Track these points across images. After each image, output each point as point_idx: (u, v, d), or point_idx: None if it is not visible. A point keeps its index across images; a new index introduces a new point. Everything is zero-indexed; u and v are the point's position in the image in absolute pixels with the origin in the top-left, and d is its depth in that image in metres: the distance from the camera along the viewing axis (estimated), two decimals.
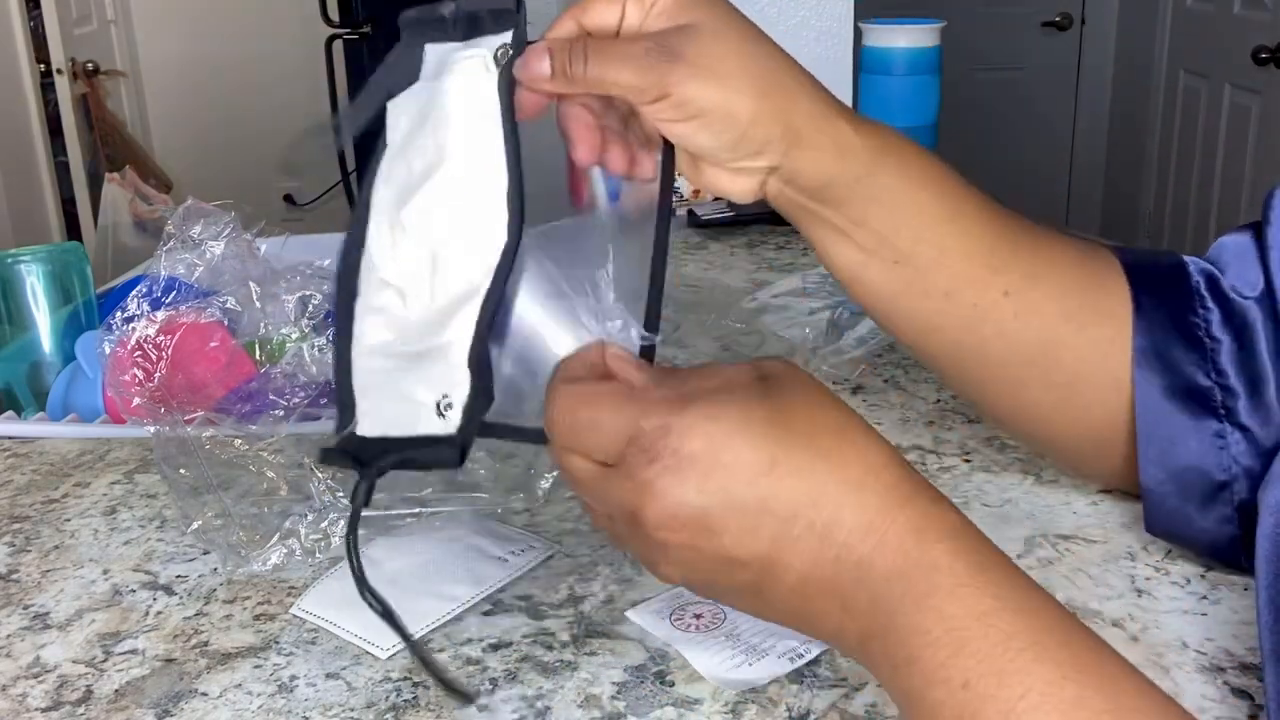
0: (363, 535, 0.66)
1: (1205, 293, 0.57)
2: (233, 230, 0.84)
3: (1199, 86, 2.93)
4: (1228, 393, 0.56)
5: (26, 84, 2.97)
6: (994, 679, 0.37)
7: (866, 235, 0.55)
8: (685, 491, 0.41)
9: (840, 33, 1.38)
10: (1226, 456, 0.56)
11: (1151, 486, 0.58)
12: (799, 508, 0.41)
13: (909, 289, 0.56)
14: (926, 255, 0.55)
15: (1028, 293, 0.56)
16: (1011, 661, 0.38)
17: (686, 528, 0.41)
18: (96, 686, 0.55)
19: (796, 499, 0.41)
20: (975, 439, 0.76)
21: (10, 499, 0.75)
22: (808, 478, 0.41)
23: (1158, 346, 0.56)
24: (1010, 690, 0.37)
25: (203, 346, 0.78)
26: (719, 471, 0.41)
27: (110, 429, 0.84)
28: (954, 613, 0.39)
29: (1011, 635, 0.38)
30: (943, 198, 0.56)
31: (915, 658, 0.39)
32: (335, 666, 0.55)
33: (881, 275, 0.56)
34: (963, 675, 0.38)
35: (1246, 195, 2.65)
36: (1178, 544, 0.61)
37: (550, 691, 0.53)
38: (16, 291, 0.93)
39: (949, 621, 0.39)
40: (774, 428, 0.41)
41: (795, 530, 0.41)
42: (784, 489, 0.41)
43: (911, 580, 0.40)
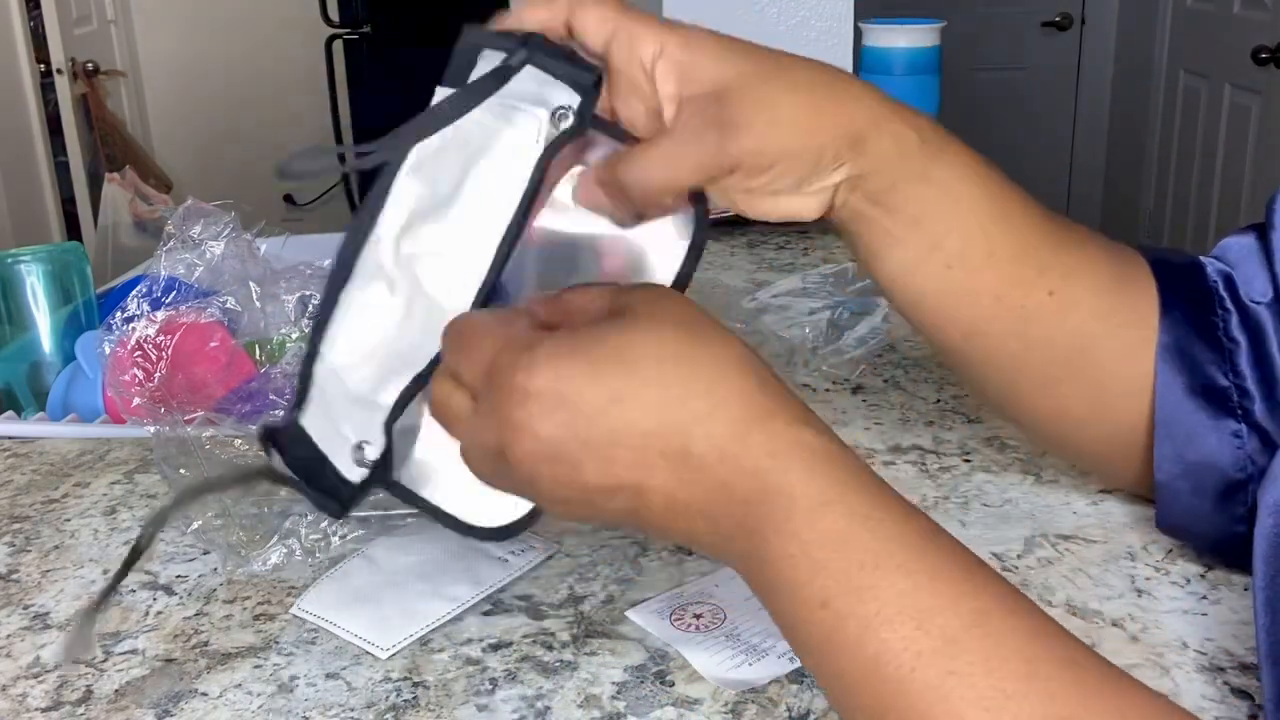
0: (362, 535, 0.66)
1: (1224, 294, 0.57)
2: (233, 230, 0.84)
3: (1199, 86, 2.93)
4: (1244, 394, 0.56)
5: (26, 84, 2.97)
6: (852, 596, 0.38)
7: (920, 238, 0.54)
8: (538, 426, 0.42)
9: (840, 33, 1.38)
10: (1243, 456, 0.56)
11: (1166, 481, 0.58)
12: (647, 438, 0.41)
13: (959, 292, 0.55)
14: (976, 257, 0.55)
15: (1068, 291, 0.56)
16: (866, 578, 0.38)
17: (544, 461, 0.42)
18: (96, 686, 0.55)
19: (643, 429, 0.41)
20: (975, 439, 0.76)
21: (10, 499, 0.75)
22: (652, 409, 0.41)
23: (1180, 344, 0.56)
24: (866, 606, 0.38)
25: (203, 346, 0.78)
26: (563, 407, 0.42)
27: (110, 429, 0.84)
28: (810, 537, 0.40)
29: (867, 551, 0.39)
30: (991, 196, 0.55)
31: (778, 581, 0.40)
32: (335, 666, 0.55)
33: (932, 279, 0.55)
34: (821, 595, 0.39)
35: (1246, 195, 2.65)
36: (1187, 540, 0.61)
37: (550, 691, 0.53)
38: (16, 291, 0.93)
39: (806, 546, 0.40)
40: (618, 362, 0.42)
41: (649, 458, 0.42)
42: (629, 421, 0.41)
43: (770, 504, 0.40)
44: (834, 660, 0.39)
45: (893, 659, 0.37)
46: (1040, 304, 0.56)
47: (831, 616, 0.39)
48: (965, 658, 0.37)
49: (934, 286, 0.55)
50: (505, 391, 0.42)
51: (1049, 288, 0.56)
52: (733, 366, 0.43)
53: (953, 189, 0.54)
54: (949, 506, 0.68)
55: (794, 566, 0.40)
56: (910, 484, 0.71)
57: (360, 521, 0.67)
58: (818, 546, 0.39)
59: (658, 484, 0.42)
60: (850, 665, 0.38)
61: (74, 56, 3.18)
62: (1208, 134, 2.87)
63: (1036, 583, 0.60)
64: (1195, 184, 2.95)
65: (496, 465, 0.44)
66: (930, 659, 0.37)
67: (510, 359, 0.43)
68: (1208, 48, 2.88)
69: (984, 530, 0.65)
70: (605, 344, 0.42)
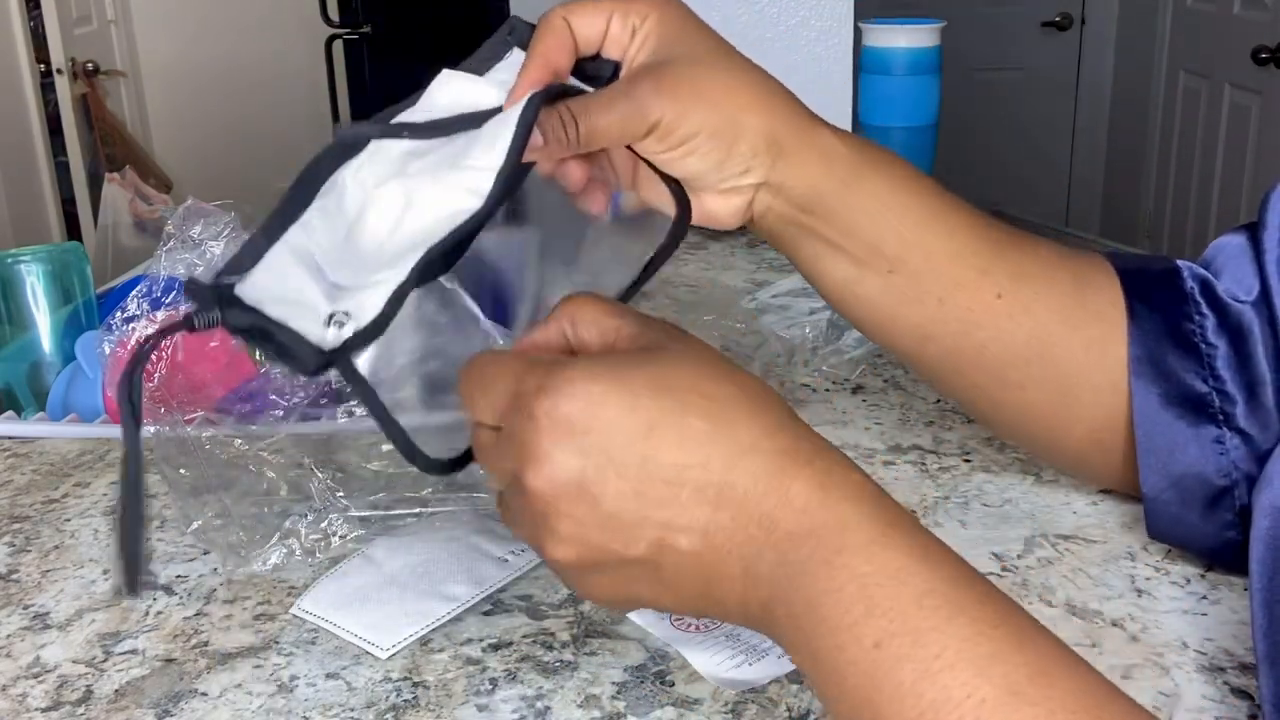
0: (362, 535, 0.66)
1: (1200, 298, 0.57)
2: (233, 230, 0.84)
3: (1199, 86, 2.93)
4: (1225, 398, 0.56)
5: (26, 84, 2.97)
6: (908, 638, 0.36)
7: (856, 245, 0.55)
8: (561, 453, 0.40)
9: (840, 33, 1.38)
10: (1226, 462, 0.56)
11: (1153, 495, 0.58)
12: (684, 471, 0.40)
13: (902, 298, 0.56)
14: (915, 260, 0.55)
15: (1018, 293, 0.56)
16: (926, 619, 0.37)
17: (565, 494, 0.40)
18: (96, 686, 0.55)
19: (681, 463, 0.40)
20: (975, 439, 0.76)
21: (10, 499, 0.75)
22: (691, 443, 0.40)
23: (1153, 354, 0.56)
24: (926, 649, 0.36)
25: (203, 346, 0.78)
26: (593, 433, 0.40)
27: (110, 429, 0.84)
28: (866, 570, 0.38)
29: (925, 593, 0.37)
30: (924, 199, 0.56)
31: (825, 618, 0.38)
32: (335, 666, 0.55)
33: (874, 287, 0.56)
34: (875, 635, 0.37)
35: (1246, 195, 2.65)
36: (1179, 548, 0.61)
37: (550, 691, 0.53)
38: (16, 291, 0.93)
39: (861, 580, 0.38)
40: (654, 394, 0.40)
41: (683, 495, 0.40)
42: (665, 454, 0.40)
43: (820, 538, 0.39)
44: (882, 706, 0.37)
45: (953, 708, 0.35)
46: (988, 306, 0.56)
47: (886, 658, 0.36)
48: (1029, 710, 0.35)
49: (879, 293, 0.56)
50: (527, 414, 0.41)
51: (996, 290, 0.56)
52: (771, 403, 0.42)
53: (883, 196, 0.55)
54: (949, 506, 0.68)
55: (846, 602, 0.38)
56: (910, 484, 0.71)
57: (360, 521, 0.67)
58: (875, 583, 0.38)
59: (689, 522, 0.40)
60: (901, 711, 0.36)
61: (74, 56, 3.18)
62: (1208, 134, 2.87)
63: (1036, 583, 0.60)
64: (1195, 184, 2.95)
65: (517, 501, 0.42)
66: (994, 709, 0.35)
67: (536, 383, 0.41)
68: (1208, 48, 2.88)
69: (984, 530, 0.65)
70: (642, 371, 0.41)
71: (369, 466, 0.74)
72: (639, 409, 0.40)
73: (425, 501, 0.70)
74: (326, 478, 0.68)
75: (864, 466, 0.72)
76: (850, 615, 0.37)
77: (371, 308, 0.48)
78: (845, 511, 0.39)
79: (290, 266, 0.50)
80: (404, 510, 0.69)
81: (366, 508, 0.68)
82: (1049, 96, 3.65)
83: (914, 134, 1.27)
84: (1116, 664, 0.53)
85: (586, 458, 0.40)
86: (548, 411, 0.40)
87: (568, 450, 0.40)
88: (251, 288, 0.49)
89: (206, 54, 3.84)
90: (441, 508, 0.69)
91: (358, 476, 0.73)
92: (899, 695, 0.36)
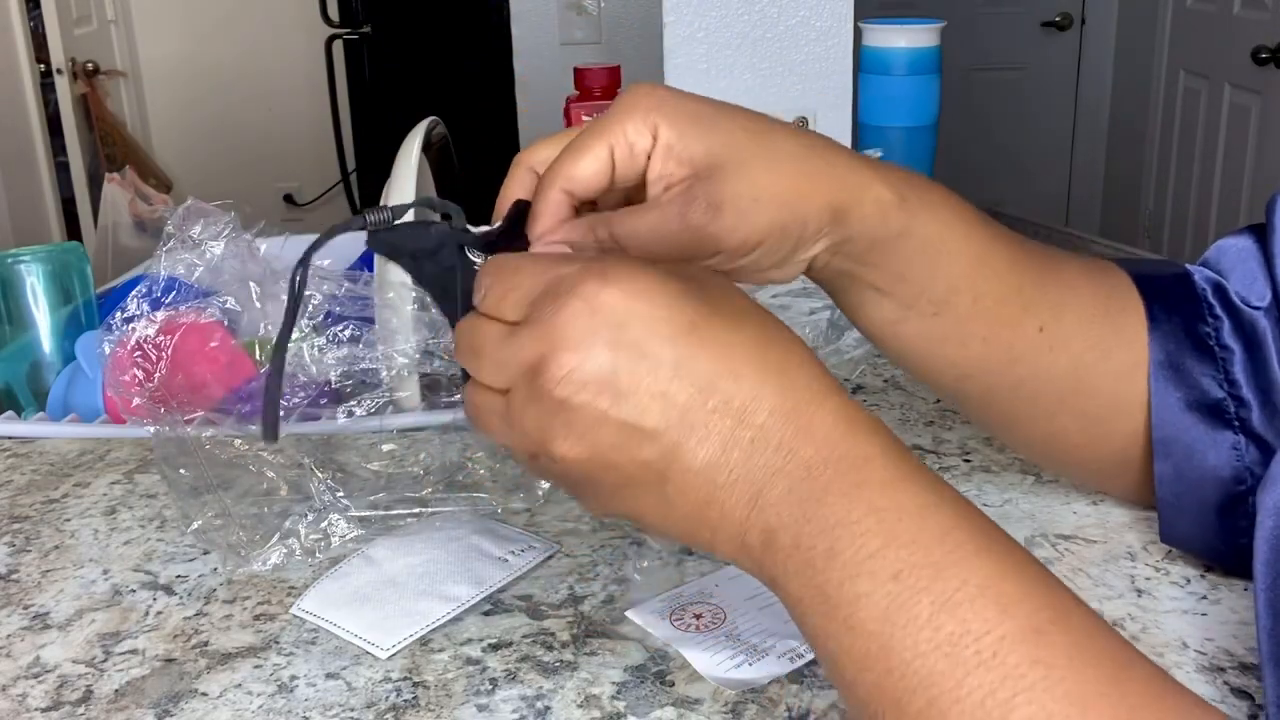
0: (362, 535, 0.66)
1: (1213, 300, 0.57)
2: (233, 230, 0.84)
3: (1199, 86, 2.93)
4: (1240, 404, 0.56)
5: (26, 84, 2.97)
6: (929, 570, 0.36)
7: (906, 289, 0.53)
8: (595, 340, 0.38)
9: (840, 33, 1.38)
10: (1242, 467, 0.56)
11: (1168, 499, 0.58)
12: (717, 378, 0.39)
13: (947, 339, 0.55)
14: (963, 304, 0.54)
15: (1058, 327, 0.56)
16: (950, 554, 0.36)
17: (591, 385, 0.38)
18: (96, 686, 0.55)
19: (715, 368, 0.39)
20: (975, 439, 0.76)
21: (10, 499, 0.75)
22: (727, 349, 0.39)
23: (1172, 358, 0.56)
24: (946, 582, 0.35)
25: (203, 346, 0.78)
26: (634, 324, 0.38)
27: (110, 429, 0.84)
28: (886, 504, 0.37)
29: (949, 529, 0.37)
30: (970, 240, 0.54)
31: (839, 551, 0.37)
32: (335, 666, 0.55)
33: (919, 328, 0.55)
34: (893, 567, 0.36)
35: (1246, 195, 2.65)
36: (1192, 553, 0.61)
37: (550, 691, 0.53)
38: (16, 291, 0.93)
39: (881, 513, 0.37)
40: (695, 298, 0.39)
41: (710, 403, 0.39)
42: (703, 355, 0.39)
43: (840, 469, 0.38)
44: (894, 639, 0.36)
45: (973, 641, 0.35)
46: (1030, 342, 0.55)
47: (904, 590, 0.36)
48: (1051, 650, 0.34)
49: (922, 334, 0.55)
50: (563, 300, 0.38)
51: (1038, 324, 0.55)
52: (799, 342, 0.41)
53: (934, 242, 0.53)
54: None
55: (862, 534, 0.37)
56: None
57: (360, 521, 0.67)
58: (895, 516, 0.37)
59: (706, 436, 0.39)
60: (915, 644, 0.35)
61: (74, 56, 3.18)
62: (1208, 134, 2.87)
63: None
64: (1195, 184, 2.95)
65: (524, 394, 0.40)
66: (1015, 645, 0.34)
67: (578, 269, 0.39)
68: (1208, 48, 2.88)
69: None
70: (685, 275, 0.40)
71: (369, 466, 0.74)
72: (683, 308, 0.39)
73: (425, 501, 0.70)
74: (326, 478, 0.68)
75: None
76: (867, 548, 0.36)
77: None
78: (867, 447, 0.38)
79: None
80: (404, 510, 0.69)
81: (366, 508, 0.68)
82: (1049, 96, 3.66)
83: (914, 134, 1.27)
84: None
85: (620, 350, 0.38)
86: (589, 296, 0.38)
87: (603, 340, 0.38)
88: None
89: (206, 54, 3.84)
90: (441, 508, 0.69)
91: (358, 476, 0.73)
92: (914, 628, 0.35)
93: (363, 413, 0.75)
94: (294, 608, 0.60)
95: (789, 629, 0.55)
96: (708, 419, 0.39)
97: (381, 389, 0.76)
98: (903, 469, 0.39)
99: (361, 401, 0.75)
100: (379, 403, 0.76)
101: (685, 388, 0.39)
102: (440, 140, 0.97)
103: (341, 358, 0.75)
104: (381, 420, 0.78)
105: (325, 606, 0.59)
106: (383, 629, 0.57)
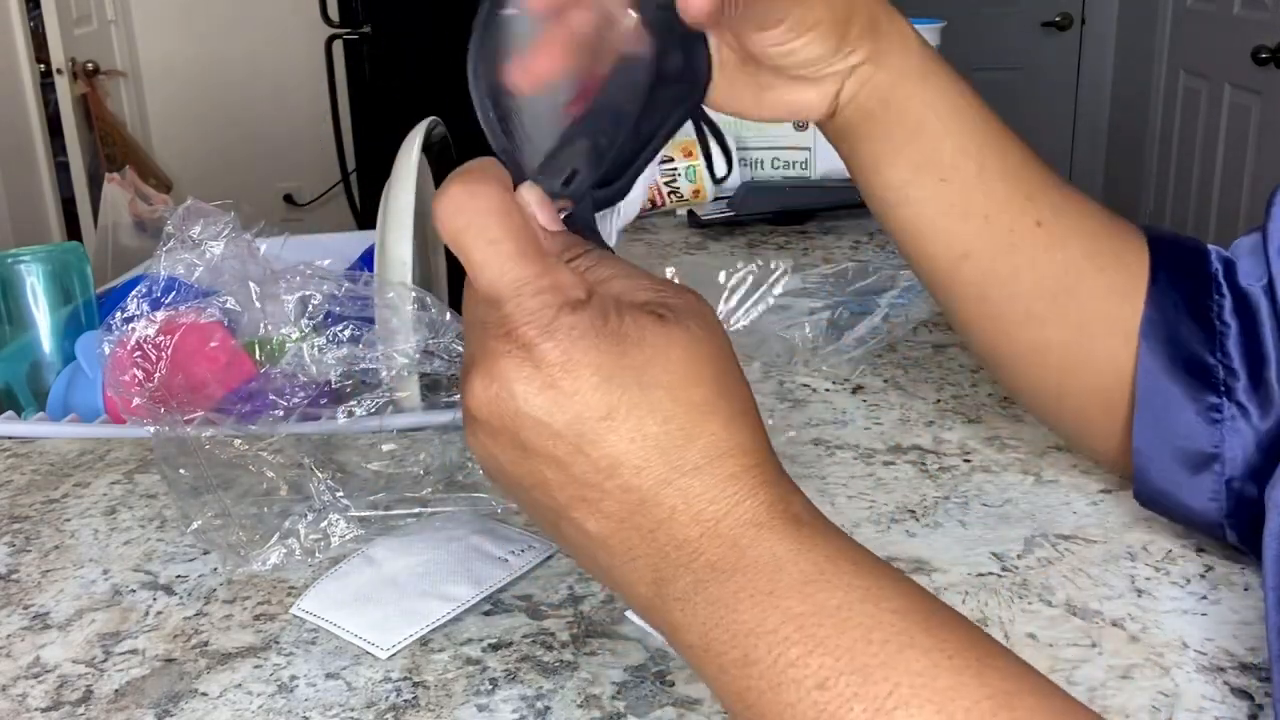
0: (362, 535, 0.66)
1: (1222, 280, 0.59)
2: (233, 230, 0.84)
3: (1199, 86, 2.93)
4: (1230, 373, 0.57)
5: (26, 84, 2.97)
6: (856, 676, 0.34)
7: (917, 149, 0.56)
8: (514, 389, 0.38)
9: None
10: (1218, 432, 0.57)
11: (1142, 449, 0.59)
12: (619, 466, 0.38)
13: (949, 210, 0.57)
14: (968, 172, 0.56)
15: (1057, 225, 0.58)
16: (874, 655, 0.34)
17: (498, 422, 0.38)
18: (96, 686, 0.55)
19: (621, 456, 0.37)
20: (975, 439, 0.76)
21: (10, 499, 0.75)
22: (640, 443, 0.37)
23: (1168, 320, 0.58)
24: (876, 687, 0.34)
25: (203, 346, 0.78)
26: (553, 391, 0.37)
27: (110, 429, 0.84)
28: (802, 610, 0.35)
29: (871, 628, 0.35)
30: (982, 113, 0.57)
31: (753, 659, 0.36)
32: (335, 666, 0.55)
33: (926, 194, 0.57)
34: (818, 675, 0.34)
35: (1246, 195, 2.65)
36: (1164, 513, 0.62)
37: (550, 691, 0.53)
38: (16, 291, 0.93)
39: (798, 620, 0.35)
40: (632, 380, 0.38)
41: (609, 484, 0.38)
42: (610, 442, 0.37)
43: (749, 577, 0.36)
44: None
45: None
46: (1028, 231, 0.57)
47: (832, 700, 0.34)
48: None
49: (928, 202, 0.57)
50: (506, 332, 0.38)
51: (1037, 217, 0.57)
52: (737, 428, 0.39)
53: (950, 97, 0.56)
54: (949, 506, 0.68)
55: (781, 644, 0.35)
56: (910, 484, 0.71)
57: (360, 521, 0.67)
58: (814, 622, 0.35)
59: (603, 508, 0.38)
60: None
61: (74, 56, 3.18)
62: (1208, 134, 2.87)
63: (1036, 583, 0.60)
64: (1195, 184, 2.95)
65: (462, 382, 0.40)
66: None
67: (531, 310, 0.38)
68: (1208, 48, 2.88)
69: (984, 530, 0.65)
70: (630, 361, 0.38)
71: (369, 466, 0.74)
72: (609, 392, 0.38)
73: (425, 501, 0.70)
74: (326, 478, 0.68)
75: (864, 466, 0.73)
76: (786, 656, 0.35)
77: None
78: (781, 550, 0.37)
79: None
80: (404, 510, 0.69)
81: (366, 508, 0.68)
82: (1049, 96, 3.66)
83: None
84: (1116, 664, 0.53)
85: (532, 409, 0.38)
86: (527, 345, 0.38)
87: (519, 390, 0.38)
88: None
89: (206, 54, 3.84)
90: (441, 508, 0.69)
91: (358, 476, 0.73)
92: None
93: (363, 413, 0.75)
94: (294, 608, 0.60)
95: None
96: (602, 498, 0.38)
97: (381, 389, 0.76)
98: (819, 565, 0.37)
99: (361, 401, 0.75)
100: (379, 403, 0.76)
101: (583, 463, 0.38)
102: (440, 140, 0.97)
103: (341, 358, 0.75)
104: (381, 420, 0.78)
105: (325, 606, 0.59)
106: (383, 629, 0.57)
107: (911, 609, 0.36)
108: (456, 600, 0.59)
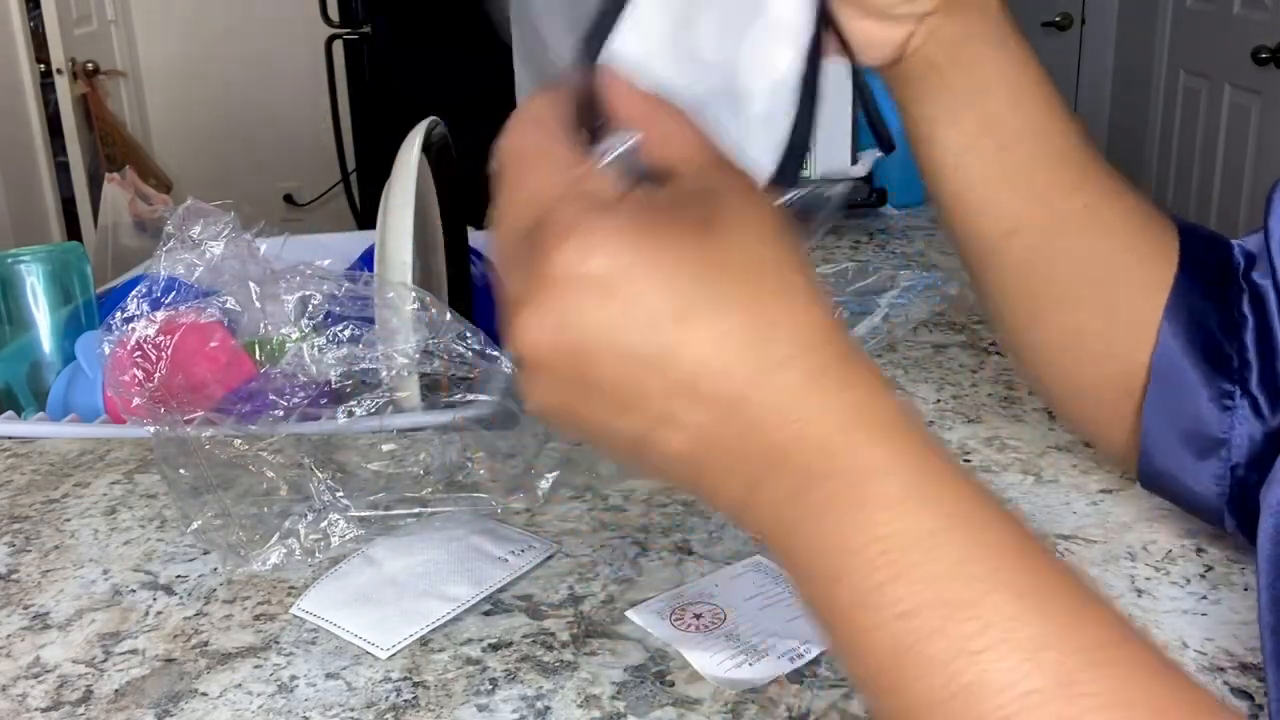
0: (362, 535, 0.66)
1: (1242, 273, 0.59)
2: (233, 230, 0.84)
3: (1199, 86, 2.93)
4: (1245, 364, 0.57)
5: (26, 84, 2.97)
6: (941, 610, 0.32)
7: (981, 111, 0.55)
8: (572, 310, 0.34)
9: None
10: (1229, 419, 0.57)
11: (1151, 429, 0.59)
12: (702, 374, 0.34)
13: (1005, 181, 0.56)
14: (1028, 144, 0.56)
15: (1103, 210, 0.57)
16: (963, 591, 0.32)
17: (561, 358, 0.35)
18: (96, 686, 0.55)
19: (702, 362, 0.34)
20: (975, 439, 0.76)
21: (10, 499, 0.75)
22: (722, 343, 0.34)
23: (1192, 307, 0.58)
24: (962, 625, 0.32)
25: (203, 346, 0.78)
26: (614, 303, 0.34)
27: (110, 429, 0.84)
28: (892, 531, 0.33)
29: (964, 560, 0.32)
30: (1050, 88, 0.56)
31: (840, 578, 0.33)
32: (335, 666, 0.55)
33: (985, 160, 0.56)
34: (900, 604, 0.32)
35: (1246, 195, 2.65)
36: (1166, 496, 0.62)
37: (550, 691, 0.53)
38: (16, 291, 0.93)
39: (885, 541, 0.33)
40: (699, 274, 0.34)
41: (693, 397, 0.34)
42: (690, 347, 0.34)
43: (837, 486, 0.34)
44: (908, 680, 0.32)
45: (993, 695, 0.31)
46: (1076, 213, 0.57)
47: (914, 629, 0.32)
48: (1084, 702, 0.31)
49: (984, 170, 0.56)
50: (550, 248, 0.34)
51: (1085, 200, 0.57)
52: (818, 314, 0.35)
53: (1019, 63, 0.55)
54: None
55: (867, 564, 0.33)
56: None
57: (360, 521, 0.67)
58: (902, 546, 0.33)
59: (688, 422, 0.35)
60: (929, 690, 0.32)
61: (74, 56, 3.18)
62: (1208, 134, 2.87)
63: None
64: (1195, 184, 2.95)
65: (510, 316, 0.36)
66: (1041, 701, 0.31)
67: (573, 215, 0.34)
68: (1208, 48, 2.88)
69: None
70: (690, 247, 0.35)
71: (369, 466, 0.74)
72: (674, 289, 0.34)
73: (425, 501, 0.70)
74: (326, 478, 0.68)
75: None
76: (872, 579, 0.33)
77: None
78: (873, 457, 0.34)
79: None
80: (404, 510, 0.69)
81: (366, 508, 0.68)
82: None
83: None
84: None
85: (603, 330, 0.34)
86: (573, 263, 0.34)
87: (574, 309, 0.34)
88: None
89: (206, 54, 3.84)
90: (441, 508, 0.69)
91: (358, 476, 0.73)
92: (929, 671, 0.32)
93: (363, 413, 0.75)
94: (294, 608, 0.60)
95: (789, 629, 0.55)
96: (689, 408, 0.35)
97: (381, 389, 0.76)
98: (914, 480, 0.34)
99: (361, 401, 0.75)
100: (379, 403, 0.76)
101: (667, 376, 0.34)
102: (440, 140, 0.97)
103: (341, 358, 0.75)
104: (381, 420, 0.78)
105: (325, 606, 0.59)
106: (383, 629, 0.57)
107: (1008, 545, 0.34)
108: (456, 600, 0.59)
